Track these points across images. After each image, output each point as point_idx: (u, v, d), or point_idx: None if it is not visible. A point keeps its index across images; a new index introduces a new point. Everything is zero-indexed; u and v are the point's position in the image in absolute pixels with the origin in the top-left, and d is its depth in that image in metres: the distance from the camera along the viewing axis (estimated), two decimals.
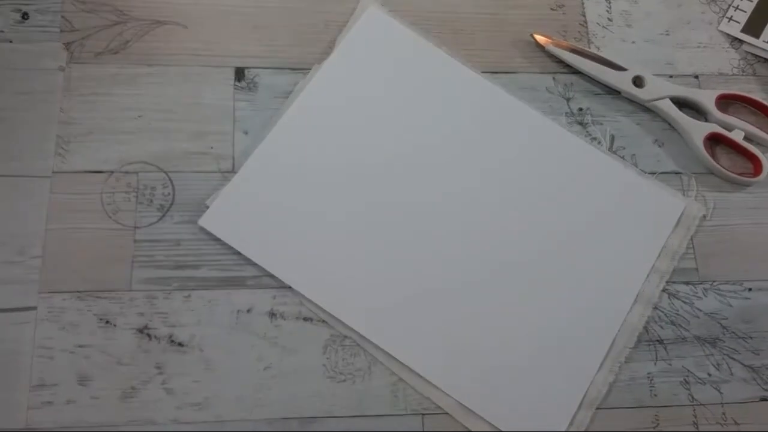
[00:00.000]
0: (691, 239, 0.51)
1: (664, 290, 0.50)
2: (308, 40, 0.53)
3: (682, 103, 0.54)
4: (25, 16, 0.51)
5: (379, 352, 0.46)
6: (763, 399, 0.48)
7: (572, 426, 0.45)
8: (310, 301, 0.46)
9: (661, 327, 0.49)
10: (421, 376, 0.46)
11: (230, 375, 0.45)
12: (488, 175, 0.51)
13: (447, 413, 0.45)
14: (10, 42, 0.50)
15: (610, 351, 0.47)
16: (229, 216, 0.48)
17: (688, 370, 0.48)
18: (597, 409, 0.46)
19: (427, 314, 0.47)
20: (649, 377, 0.48)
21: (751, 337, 0.49)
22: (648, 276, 0.49)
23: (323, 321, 0.46)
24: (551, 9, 0.57)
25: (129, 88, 0.50)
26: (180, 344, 0.45)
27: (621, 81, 0.54)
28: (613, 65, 0.54)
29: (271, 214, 0.48)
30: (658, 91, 0.54)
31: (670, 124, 0.54)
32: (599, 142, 0.53)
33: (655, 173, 0.53)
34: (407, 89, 0.52)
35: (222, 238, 0.47)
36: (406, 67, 0.53)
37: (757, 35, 0.57)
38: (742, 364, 0.49)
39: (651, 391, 0.47)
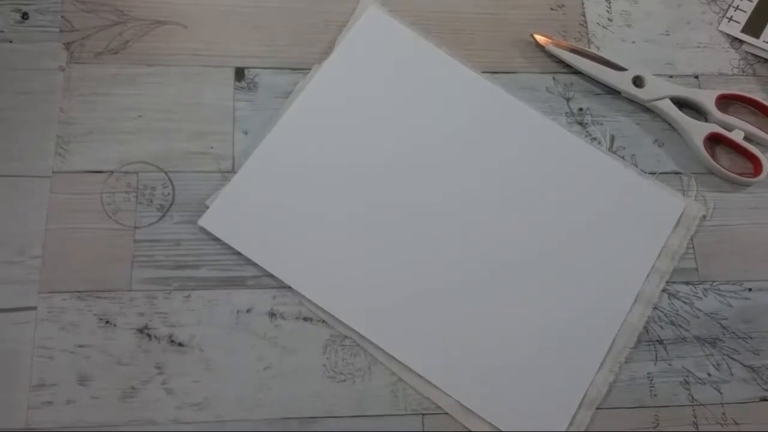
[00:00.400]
0: (691, 239, 0.51)
1: (664, 290, 0.50)
2: (308, 40, 0.53)
3: (682, 103, 0.54)
4: (25, 16, 0.51)
5: (379, 352, 0.46)
6: (763, 399, 0.48)
7: (572, 426, 0.45)
8: (310, 301, 0.46)
9: (661, 327, 0.49)
10: (421, 376, 0.46)
11: (230, 375, 0.45)
12: (488, 175, 0.51)
13: (447, 413, 0.45)
14: (10, 42, 0.50)
15: (610, 351, 0.47)
16: (229, 216, 0.48)
17: (688, 370, 0.48)
18: (597, 409, 0.46)
19: (427, 314, 0.47)
20: (649, 377, 0.48)
21: (751, 337, 0.49)
22: (648, 276, 0.49)
23: (323, 321, 0.46)
24: (551, 9, 0.57)
25: (129, 88, 0.50)
26: (180, 344, 0.45)
27: (621, 81, 0.54)
28: (613, 65, 0.54)
29: (271, 214, 0.48)
30: (658, 91, 0.54)
31: (670, 124, 0.54)
32: (599, 142, 0.53)
33: (655, 173, 0.53)
34: (407, 89, 0.52)
35: (222, 238, 0.47)
36: (406, 67, 0.53)
37: (757, 35, 0.57)
38: (742, 364, 0.49)
39: (651, 391, 0.47)
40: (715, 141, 0.54)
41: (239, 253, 0.47)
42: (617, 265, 0.49)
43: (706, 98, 0.54)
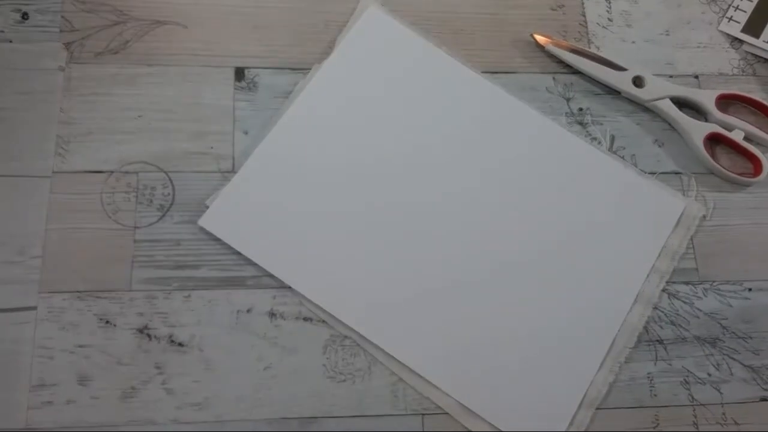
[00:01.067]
0: (691, 239, 0.51)
1: (664, 290, 0.50)
2: (308, 40, 0.53)
3: (682, 103, 0.54)
4: (25, 16, 0.51)
5: (379, 352, 0.46)
6: (763, 399, 0.48)
7: (572, 426, 0.45)
8: (310, 301, 0.46)
9: (661, 327, 0.49)
10: (421, 376, 0.46)
11: (230, 375, 0.45)
12: (488, 175, 0.51)
13: (447, 413, 0.45)
14: (10, 42, 0.50)
15: (610, 351, 0.47)
16: (229, 216, 0.48)
17: (688, 370, 0.48)
18: (597, 409, 0.46)
19: (427, 314, 0.47)
20: (649, 377, 0.48)
21: (751, 337, 0.49)
22: (648, 276, 0.49)
23: (323, 321, 0.46)
24: (551, 9, 0.57)
25: (129, 88, 0.50)
26: (180, 344, 0.45)
27: (621, 81, 0.54)
28: (613, 65, 0.54)
29: (271, 214, 0.48)
30: (658, 91, 0.54)
31: (670, 124, 0.54)
32: (599, 142, 0.53)
33: (655, 173, 0.53)
34: (407, 89, 0.52)
35: (222, 238, 0.47)
36: (406, 67, 0.53)
37: (757, 35, 0.57)
38: (742, 364, 0.49)
39: (651, 391, 0.47)
40: (715, 141, 0.54)
41: (239, 253, 0.47)
42: (617, 265, 0.49)
43: (706, 98, 0.54)
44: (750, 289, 0.51)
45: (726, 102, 0.55)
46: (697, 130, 0.53)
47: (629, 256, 0.50)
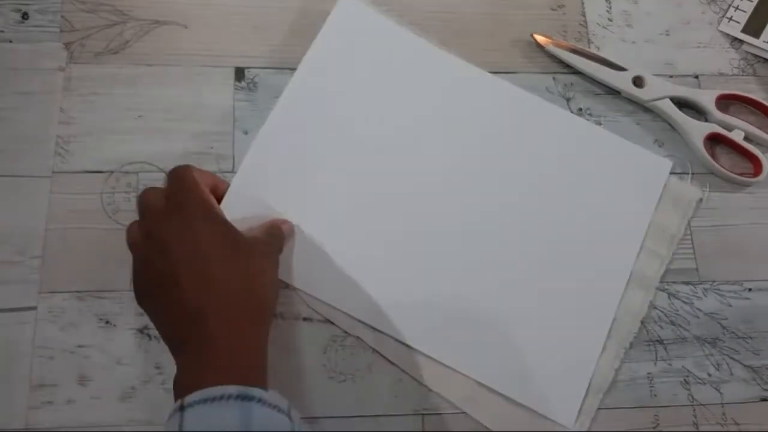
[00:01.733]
0: (691, 240, 0.51)
1: (664, 290, 0.50)
2: (308, 41, 0.53)
3: (682, 103, 0.54)
4: (25, 16, 0.51)
5: (381, 344, 0.46)
6: (763, 399, 0.48)
7: (581, 413, 0.46)
8: (311, 296, 0.46)
9: (661, 327, 0.49)
10: (425, 354, 0.46)
11: None
12: (481, 160, 0.50)
13: (447, 413, 0.45)
14: (10, 42, 0.50)
15: (613, 334, 0.47)
16: (227, 216, 0.47)
17: (688, 370, 0.48)
18: (597, 409, 0.46)
19: (426, 296, 0.47)
20: (649, 377, 0.48)
21: (751, 337, 0.49)
22: (642, 249, 0.49)
23: (323, 321, 0.46)
24: (551, 9, 0.57)
25: (129, 88, 0.50)
26: None
27: (621, 81, 0.54)
28: (613, 65, 0.54)
29: (268, 214, 0.48)
30: (658, 91, 0.54)
31: (670, 124, 0.54)
32: None
33: None
34: (385, 78, 0.52)
35: None
36: (384, 56, 0.52)
37: (757, 35, 0.57)
38: (742, 364, 0.49)
39: (651, 391, 0.47)
40: (715, 141, 0.54)
41: None
42: (609, 235, 0.49)
43: (706, 98, 0.54)
44: (750, 289, 0.51)
45: (726, 102, 0.55)
46: (697, 130, 0.53)
47: (620, 225, 0.50)
